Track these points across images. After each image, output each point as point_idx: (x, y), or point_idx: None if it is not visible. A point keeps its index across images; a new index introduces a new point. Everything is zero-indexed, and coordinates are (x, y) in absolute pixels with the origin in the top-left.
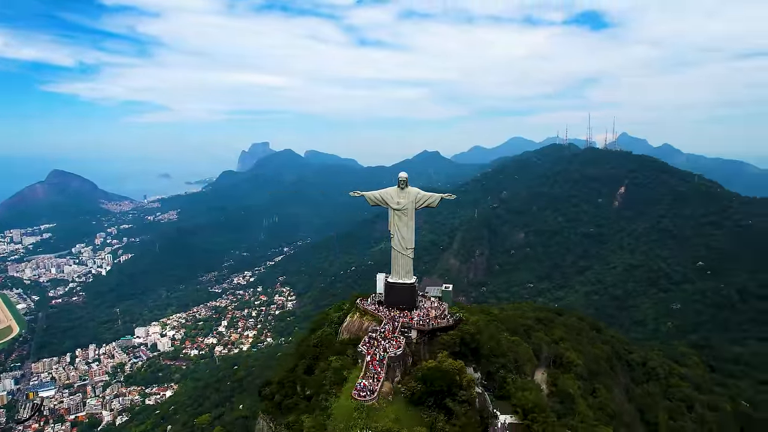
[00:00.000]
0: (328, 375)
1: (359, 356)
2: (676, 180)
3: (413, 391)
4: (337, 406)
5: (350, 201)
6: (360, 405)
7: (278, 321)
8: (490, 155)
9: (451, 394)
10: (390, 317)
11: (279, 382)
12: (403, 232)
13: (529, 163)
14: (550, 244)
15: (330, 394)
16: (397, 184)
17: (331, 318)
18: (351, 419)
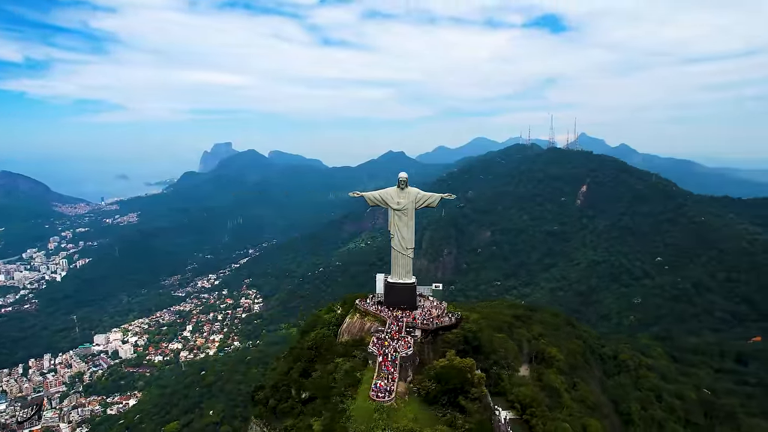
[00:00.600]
0: (338, 377)
1: (370, 357)
2: (635, 179)
3: (428, 391)
4: (356, 407)
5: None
6: (379, 406)
7: (245, 324)
8: (455, 155)
9: (464, 392)
10: (393, 317)
11: (273, 386)
12: (404, 232)
13: (494, 163)
14: (516, 243)
15: (345, 396)
16: (396, 184)
17: (324, 320)
18: (372, 420)
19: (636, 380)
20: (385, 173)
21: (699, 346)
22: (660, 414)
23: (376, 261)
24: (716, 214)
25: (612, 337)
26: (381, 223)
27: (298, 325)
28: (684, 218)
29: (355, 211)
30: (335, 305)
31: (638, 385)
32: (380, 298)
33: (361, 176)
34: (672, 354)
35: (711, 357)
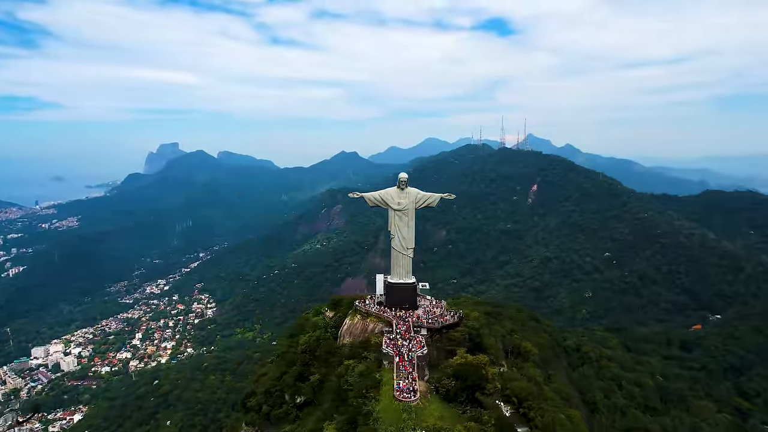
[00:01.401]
0: (353, 379)
1: (385, 358)
2: (582, 178)
3: (447, 388)
4: (382, 408)
5: (268, 202)
6: (407, 406)
7: (198, 330)
8: (407, 155)
9: (480, 387)
10: (397, 317)
11: (266, 391)
12: (404, 232)
13: (447, 163)
14: (471, 241)
15: (367, 398)
16: (397, 184)
17: (312, 323)
18: (401, 421)
19: (598, 371)
20: (339, 173)
21: (648, 336)
22: (622, 401)
23: (333, 262)
24: (657, 211)
25: (570, 330)
26: (336, 224)
27: (254, 329)
28: (628, 215)
29: (309, 212)
30: (322, 308)
31: (600, 375)
32: (381, 299)
33: (314, 177)
34: (626, 344)
35: (659, 345)
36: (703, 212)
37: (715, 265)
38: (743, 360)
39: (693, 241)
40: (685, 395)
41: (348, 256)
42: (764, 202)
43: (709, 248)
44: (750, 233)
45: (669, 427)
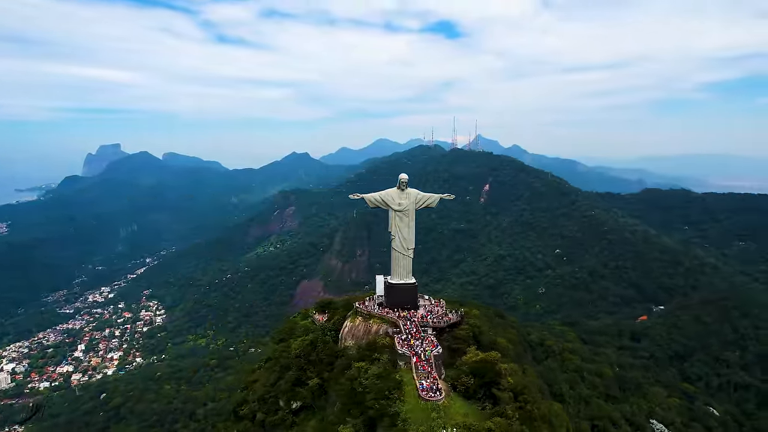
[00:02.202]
0: (369, 381)
1: (401, 358)
2: (532, 178)
3: (467, 386)
4: (409, 409)
5: (218, 205)
6: (434, 405)
7: (147, 338)
8: (358, 156)
9: (496, 383)
10: (402, 318)
11: (260, 398)
12: (405, 233)
13: (400, 163)
14: (426, 241)
15: (391, 399)
16: (397, 185)
17: (302, 326)
18: (430, 420)
19: (562, 363)
20: (290, 174)
21: (601, 328)
22: (585, 392)
23: (288, 265)
24: (603, 209)
25: (531, 325)
26: (290, 226)
27: (207, 335)
28: (577, 213)
29: (261, 214)
30: (310, 311)
31: (564, 368)
32: (381, 300)
33: (265, 178)
34: (582, 337)
35: (612, 337)
36: (643, 209)
37: (658, 260)
38: (686, 347)
39: (637, 237)
40: (641, 383)
41: (303, 258)
42: (696, 200)
43: (651, 244)
44: (685, 228)
45: (628, 414)
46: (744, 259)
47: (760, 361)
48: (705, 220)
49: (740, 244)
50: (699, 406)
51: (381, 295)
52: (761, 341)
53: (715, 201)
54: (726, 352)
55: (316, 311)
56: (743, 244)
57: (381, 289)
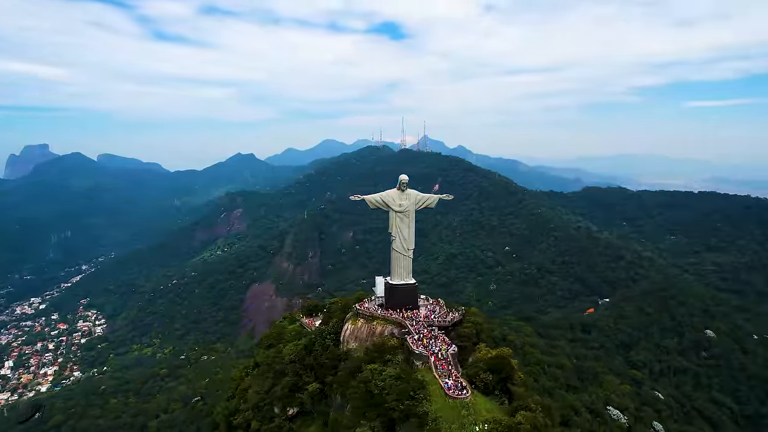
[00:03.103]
0: (387, 383)
1: (418, 359)
2: (480, 177)
3: (486, 382)
4: (438, 408)
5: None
6: (463, 403)
7: (86, 350)
8: (305, 157)
9: (510, 378)
10: (407, 318)
11: (254, 406)
12: (405, 233)
13: (349, 164)
14: (378, 241)
15: (416, 400)
16: (397, 186)
17: (291, 331)
18: (461, 417)
19: (524, 357)
20: (236, 176)
21: (554, 322)
22: (548, 383)
23: (237, 269)
24: (549, 207)
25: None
26: (238, 229)
27: (153, 344)
28: (524, 211)
29: (207, 217)
30: (297, 314)
31: (526, 361)
32: (381, 301)
33: (209, 180)
34: (538, 331)
35: (565, 330)
36: (584, 207)
37: (601, 255)
38: (630, 336)
39: (581, 233)
40: (597, 372)
41: (253, 261)
42: (632, 197)
43: (594, 240)
44: (623, 224)
45: (588, 403)
46: (675, 252)
47: (694, 346)
48: (640, 216)
49: (672, 238)
50: (646, 391)
51: (381, 296)
52: (696, 328)
53: (649, 198)
54: (666, 340)
55: (304, 315)
56: (674, 239)
57: (381, 291)
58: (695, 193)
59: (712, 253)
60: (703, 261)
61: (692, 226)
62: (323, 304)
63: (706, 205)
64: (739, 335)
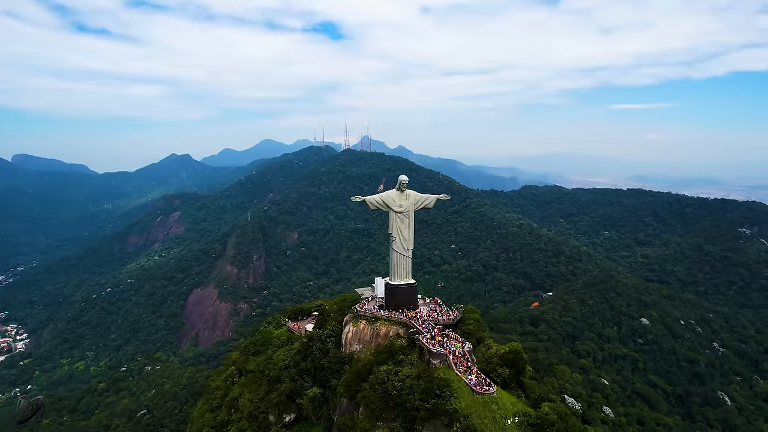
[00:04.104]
0: (406, 383)
1: (434, 357)
2: (424, 177)
3: (503, 376)
4: (467, 405)
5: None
6: (490, 398)
7: (6, 369)
8: (243, 158)
9: (522, 372)
10: (412, 318)
11: (249, 415)
12: (405, 234)
13: (292, 164)
14: (324, 242)
15: (442, 398)
16: (396, 186)
17: (279, 336)
18: (491, 412)
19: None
20: (171, 177)
21: (502, 317)
22: None
23: (177, 273)
24: (491, 205)
25: None
26: (176, 233)
27: (86, 357)
28: (468, 210)
29: (141, 221)
30: (282, 318)
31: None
32: (381, 302)
33: (142, 182)
34: (490, 326)
35: (514, 324)
36: (524, 204)
37: (542, 250)
38: (575, 327)
39: (523, 230)
40: (551, 363)
41: (194, 266)
42: (567, 195)
43: (536, 236)
44: (560, 221)
45: (544, 393)
46: (608, 247)
47: (631, 333)
48: (576, 212)
49: (605, 233)
50: (594, 378)
51: (382, 297)
52: (632, 317)
53: (583, 195)
54: (606, 329)
55: (289, 319)
56: (608, 234)
57: (382, 291)
58: (624, 190)
59: (641, 246)
60: (634, 254)
61: (623, 221)
62: (309, 308)
63: (634, 201)
64: (668, 321)
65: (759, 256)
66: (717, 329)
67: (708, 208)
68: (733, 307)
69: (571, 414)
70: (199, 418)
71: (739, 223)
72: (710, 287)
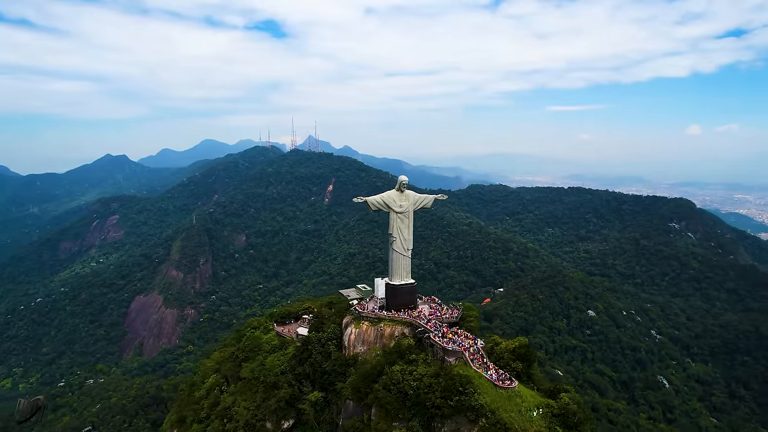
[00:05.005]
0: (424, 382)
1: (449, 355)
2: (373, 177)
3: (517, 370)
4: (492, 400)
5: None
6: (513, 392)
7: None
8: (184, 158)
9: (531, 365)
10: (417, 318)
11: (246, 424)
12: (405, 234)
13: (237, 165)
14: (273, 244)
15: (465, 395)
16: (396, 187)
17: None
18: (516, 405)
19: None
20: (106, 179)
21: None
22: None
23: (117, 280)
24: (440, 204)
25: None
26: (114, 237)
27: (14, 374)
28: (419, 208)
29: (75, 226)
30: (267, 323)
31: None
32: (382, 303)
33: (73, 184)
34: None
35: None
36: (471, 203)
37: (491, 248)
38: (527, 321)
39: (472, 228)
40: None
41: (136, 272)
42: (512, 194)
43: (485, 234)
44: (506, 219)
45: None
46: (552, 243)
47: (580, 325)
48: (520, 210)
49: (549, 230)
50: (549, 370)
51: (382, 297)
52: (579, 309)
53: (526, 194)
54: (557, 322)
55: (276, 323)
56: (552, 230)
57: (382, 292)
58: (566, 188)
59: (583, 242)
60: (577, 249)
61: (565, 218)
62: (295, 310)
63: (575, 199)
64: (612, 312)
65: (687, 249)
66: (654, 318)
67: (642, 205)
68: (667, 296)
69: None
70: (172, 429)
71: (669, 219)
72: (646, 279)
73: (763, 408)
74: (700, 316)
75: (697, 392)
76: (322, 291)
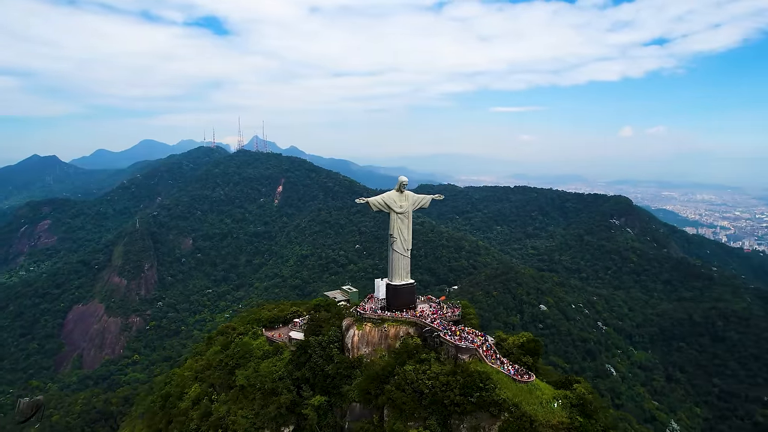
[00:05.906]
0: (441, 380)
1: (462, 352)
2: (324, 177)
3: (528, 364)
4: (514, 394)
5: None
6: (532, 386)
7: None
8: (121, 159)
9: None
10: (422, 317)
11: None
12: (405, 234)
13: (181, 166)
14: (222, 247)
15: (486, 390)
16: (396, 187)
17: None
18: (536, 398)
19: None
20: (34, 181)
21: None
22: None
23: (52, 289)
24: None
25: None
26: (46, 243)
27: None
28: (370, 209)
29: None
30: (256, 328)
31: None
32: (383, 304)
33: None
34: None
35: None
36: None
37: (444, 246)
38: (483, 318)
39: (425, 227)
40: None
41: (73, 280)
42: (461, 193)
43: (437, 233)
44: (456, 218)
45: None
46: (501, 240)
47: (533, 319)
48: (469, 209)
49: (498, 228)
50: None
51: (383, 298)
52: (532, 304)
53: (474, 193)
54: (511, 317)
55: (264, 329)
56: (500, 228)
57: (383, 293)
58: (512, 187)
59: (530, 239)
60: (525, 246)
61: (512, 216)
62: (284, 315)
63: (521, 198)
64: (562, 306)
65: (627, 244)
66: (600, 310)
67: (584, 202)
68: (610, 289)
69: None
70: None
71: (609, 215)
72: (591, 273)
73: (696, 389)
74: (640, 307)
75: (640, 378)
76: (274, 294)
